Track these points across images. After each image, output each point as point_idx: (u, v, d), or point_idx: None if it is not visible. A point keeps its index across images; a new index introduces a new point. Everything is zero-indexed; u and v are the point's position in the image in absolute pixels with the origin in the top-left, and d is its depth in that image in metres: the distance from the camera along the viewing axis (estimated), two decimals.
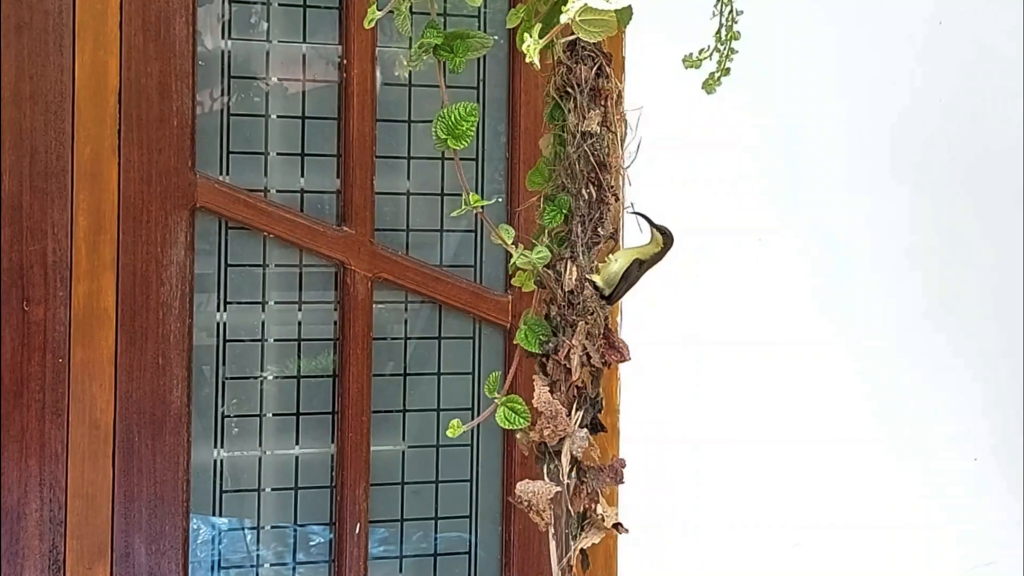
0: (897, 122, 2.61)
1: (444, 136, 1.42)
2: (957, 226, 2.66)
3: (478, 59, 2.39)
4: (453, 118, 1.42)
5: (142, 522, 2.19)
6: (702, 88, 1.51)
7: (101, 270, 2.16)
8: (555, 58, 1.45)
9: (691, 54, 1.48)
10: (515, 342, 1.51)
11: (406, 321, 2.40)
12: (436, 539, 2.42)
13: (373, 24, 1.42)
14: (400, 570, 2.40)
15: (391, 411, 2.38)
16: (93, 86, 2.14)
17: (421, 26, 1.46)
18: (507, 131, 2.41)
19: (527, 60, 1.30)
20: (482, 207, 1.47)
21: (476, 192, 2.41)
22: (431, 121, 1.45)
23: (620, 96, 1.48)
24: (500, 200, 2.40)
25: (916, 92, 2.62)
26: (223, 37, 2.28)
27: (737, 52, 1.44)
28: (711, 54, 1.46)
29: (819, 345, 2.56)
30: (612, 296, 1.50)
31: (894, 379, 2.62)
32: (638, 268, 1.52)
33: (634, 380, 2.42)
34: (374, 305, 2.33)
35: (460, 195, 2.53)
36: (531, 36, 1.27)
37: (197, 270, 2.24)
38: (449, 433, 1.47)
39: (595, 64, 1.46)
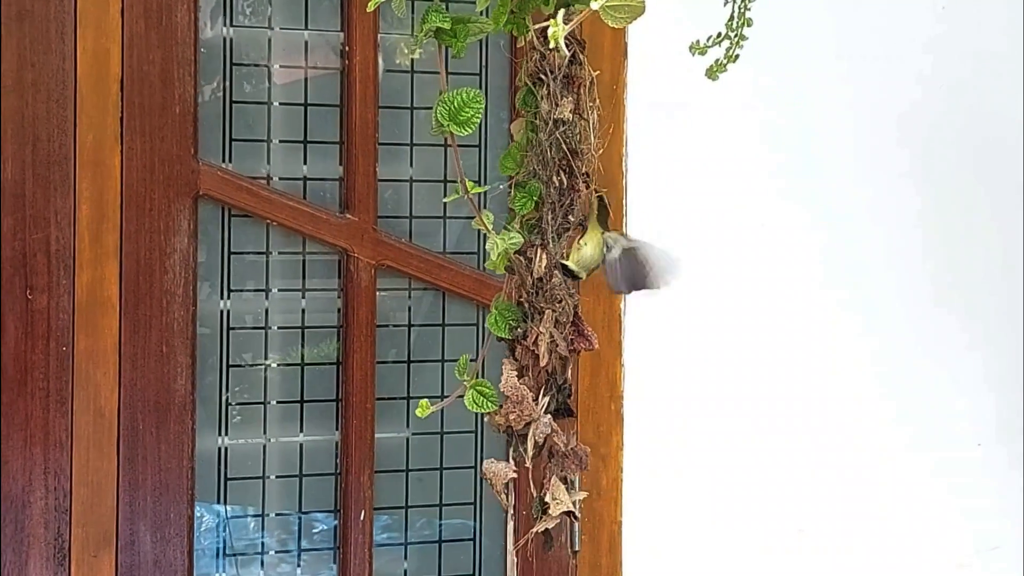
0: (905, 109, 2.60)
1: (446, 122, 1.41)
2: (964, 210, 2.65)
3: (480, 46, 2.39)
4: (456, 103, 1.40)
5: (147, 510, 2.19)
6: (706, 75, 1.49)
7: (104, 258, 2.16)
8: (527, 43, 1.44)
9: (698, 41, 1.47)
10: (487, 327, 1.50)
11: (409, 308, 2.40)
12: (440, 526, 2.42)
13: (375, 8, 1.41)
14: (405, 557, 2.40)
15: (395, 398, 2.38)
16: (95, 74, 2.14)
17: (418, 11, 1.45)
18: (509, 118, 2.41)
19: (551, 46, 1.28)
20: (477, 193, 1.46)
21: (479, 179, 2.42)
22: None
23: (593, 83, 1.47)
24: (501, 187, 2.39)
25: (923, 78, 2.61)
26: (225, 24, 2.27)
27: (747, 39, 1.43)
28: (721, 41, 1.44)
29: (826, 333, 2.56)
30: (586, 275, 1.50)
31: (900, 364, 2.61)
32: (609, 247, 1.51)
33: (640, 367, 2.42)
34: (377, 292, 2.33)
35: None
36: (556, 22, 1.26)
37: (200, 258, 2.24)
38: (418, 413, 1.46)
39: (569, 51, 1.44)
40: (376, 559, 2.34)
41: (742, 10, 1.47)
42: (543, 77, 1.44)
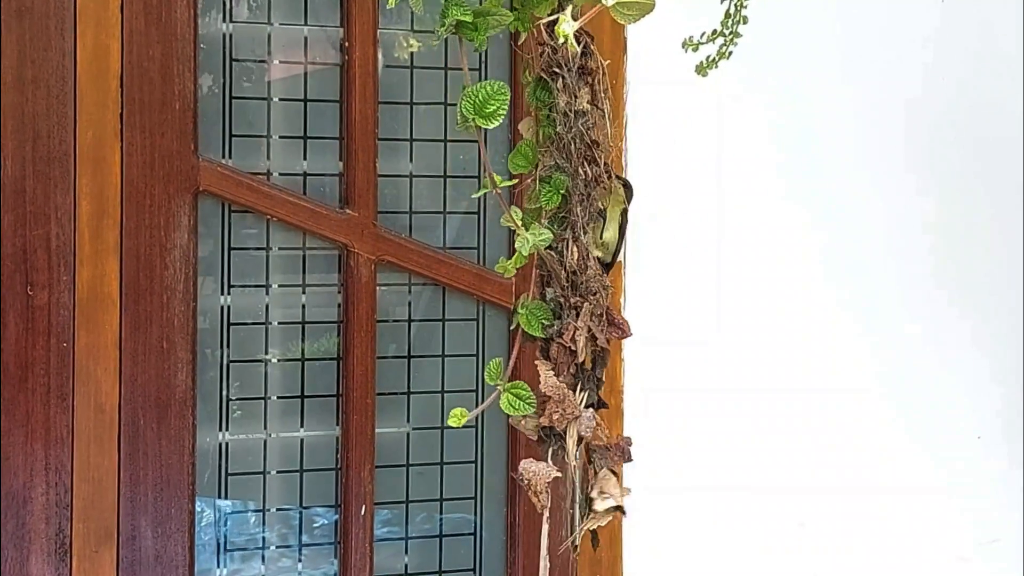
0: (906, 107, 2.60)
1: (471, 115, 1.38)
2: (964, 206, 2.65)
3: None
4: (481, 97, 1.38)
5: (148, 505, 2.19)
6: (696, 71, 1.50)
7: (105, 254, 2.16)
8: (531, 38, 1.43)
9: (691, 37, 1.47)
10: (521, 326, 1.49)
11: (410, 303, 2.40)
12: (441, 520, 2.43)
13: (377, 2, 1.40)
14: (405, 552, 2.41)
15: (395, 393, 2.38)
16: (95, 70, 2.14)
17: (431, 4, 1.44)
18: (510, 113, 2.40)
19: (560, 41, 1.28)
20: (500, 189, 1.45)
21: (481, 175, 2.41)
22: (433, 103, 1.42)
23: (604, 74, 1.47)
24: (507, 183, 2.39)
25: (924, 75, 2.61)
26: (224, 20, 2.27)
27: (741, 36, 1.43)
28: (716, 38, 1.45)
29: (828, 328, 2.56)
30: (613, 258, 1.50)
31: (901, 362, 2.62)
32: (624, 219, 1.51)
33: (639, 362, 2.42)
34: (377, 287, 2.33)
35: (463, 177, 2.53)
36: (564, 17, 1.26)
37: (200, 253, 2.24)
38: (451, 423, 1.44)
39: (580, 43, 1.44)
40: (377, 553, 2.35)
41: (738, 7, 1.47)
42: (557, 70, 1.44)
